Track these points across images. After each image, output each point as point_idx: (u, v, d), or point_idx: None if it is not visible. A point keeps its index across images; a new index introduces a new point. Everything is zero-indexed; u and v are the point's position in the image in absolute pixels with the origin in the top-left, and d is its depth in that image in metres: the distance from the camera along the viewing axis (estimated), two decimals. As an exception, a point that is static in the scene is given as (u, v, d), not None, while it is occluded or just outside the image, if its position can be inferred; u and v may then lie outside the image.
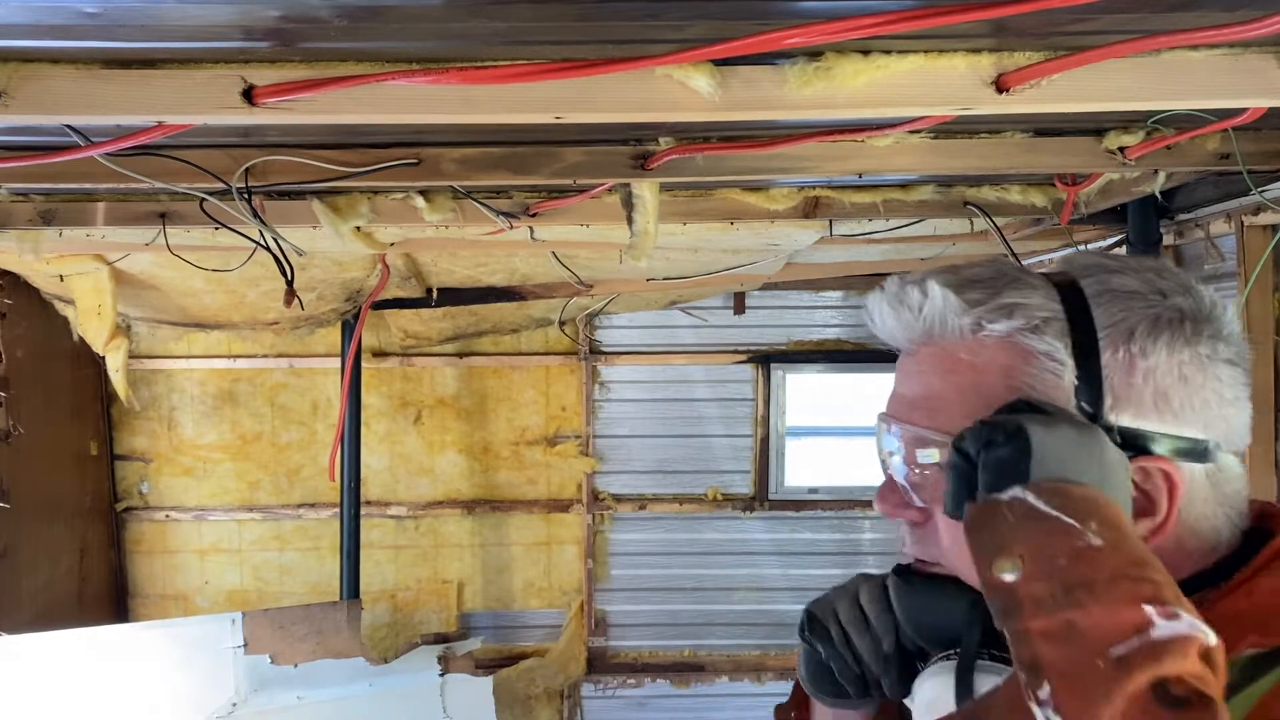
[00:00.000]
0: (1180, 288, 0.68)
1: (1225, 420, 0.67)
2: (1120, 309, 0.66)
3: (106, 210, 2.55)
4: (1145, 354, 0.65)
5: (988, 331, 0.68)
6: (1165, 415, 0.65)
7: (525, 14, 1.24)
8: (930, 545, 0.75)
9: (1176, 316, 0.66)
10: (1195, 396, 0.66)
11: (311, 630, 3.66)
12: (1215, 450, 0.67)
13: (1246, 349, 0.69)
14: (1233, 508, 0.69)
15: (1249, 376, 0.69)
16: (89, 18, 1.22)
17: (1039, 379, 0.67)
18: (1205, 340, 0.66)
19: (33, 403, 3.98)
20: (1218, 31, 1.23)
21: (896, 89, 1.41)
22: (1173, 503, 0.65)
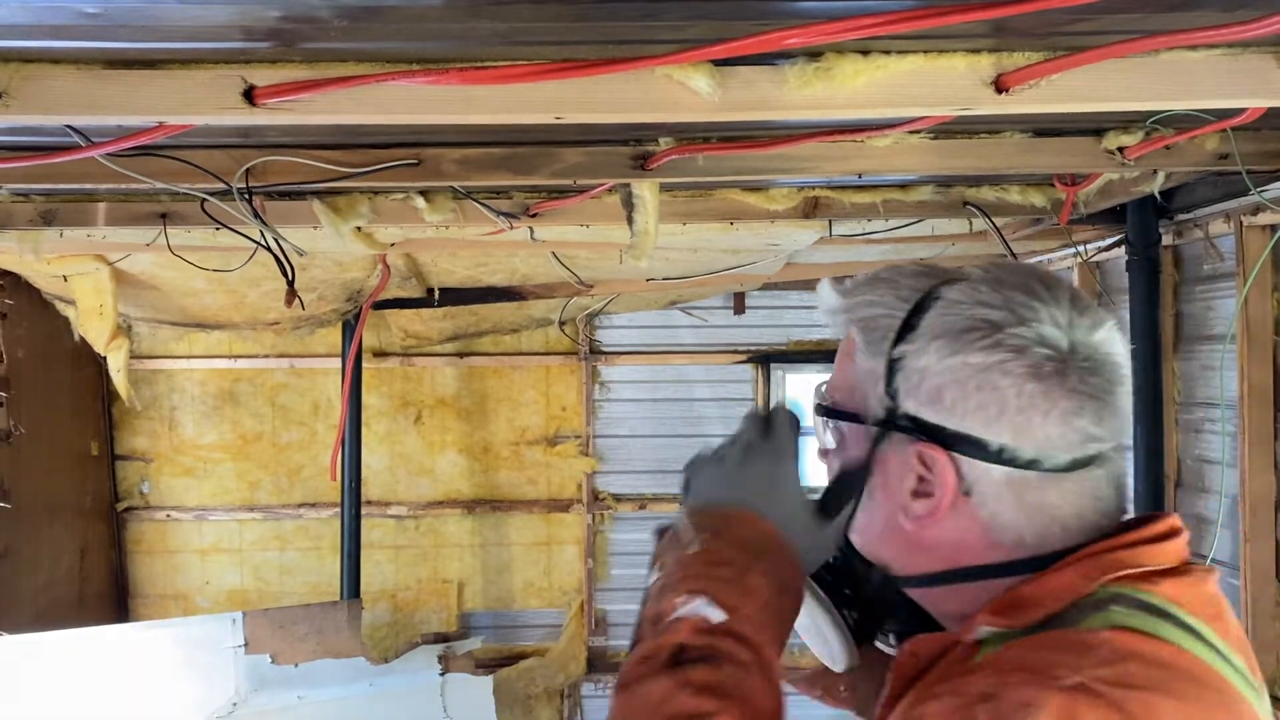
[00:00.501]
0: (1003, 301, 0.74)
1: (1018, 427, 0.72)
2: (934, 315, 0.76)
3: (107, 210, 2.56)
4: (920, 354, 0.75)
5: (839, 324, 0.84)
6: (939, 410, 0.74)
7: (525, 14, 1.24)
8: None
9: (964, 326, 0.74)
10: (970, 398, 0.73)
11: (312, 630, 3.66)
12: (1012, 454, 0.72)
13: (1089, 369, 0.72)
14: (1045, 518, 0.74)
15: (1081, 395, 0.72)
16: (89, 18, 1.23)
17: (855, 365, 0.81)
18: (985, 350, 0.72)
19: (33, 403, 3.98)
20: (1217, 31, 1.23)
21: (896, 89, 1.41)
22: (946, 489, 0.74)
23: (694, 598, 0.72)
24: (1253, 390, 2.59)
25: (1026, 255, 3.60)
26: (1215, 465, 2.78)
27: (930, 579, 0.79)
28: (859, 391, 0.80)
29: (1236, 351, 2.61)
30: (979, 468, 0.73)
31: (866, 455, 0.80)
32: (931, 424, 0.75)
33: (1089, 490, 0.74)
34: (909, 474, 0.76)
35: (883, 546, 0.82)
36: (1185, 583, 0.72)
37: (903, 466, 0.77)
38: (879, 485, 0.80)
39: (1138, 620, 0.68)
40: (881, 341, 0.78)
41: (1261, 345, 2.59)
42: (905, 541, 0.79)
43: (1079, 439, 0.72)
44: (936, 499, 0.75)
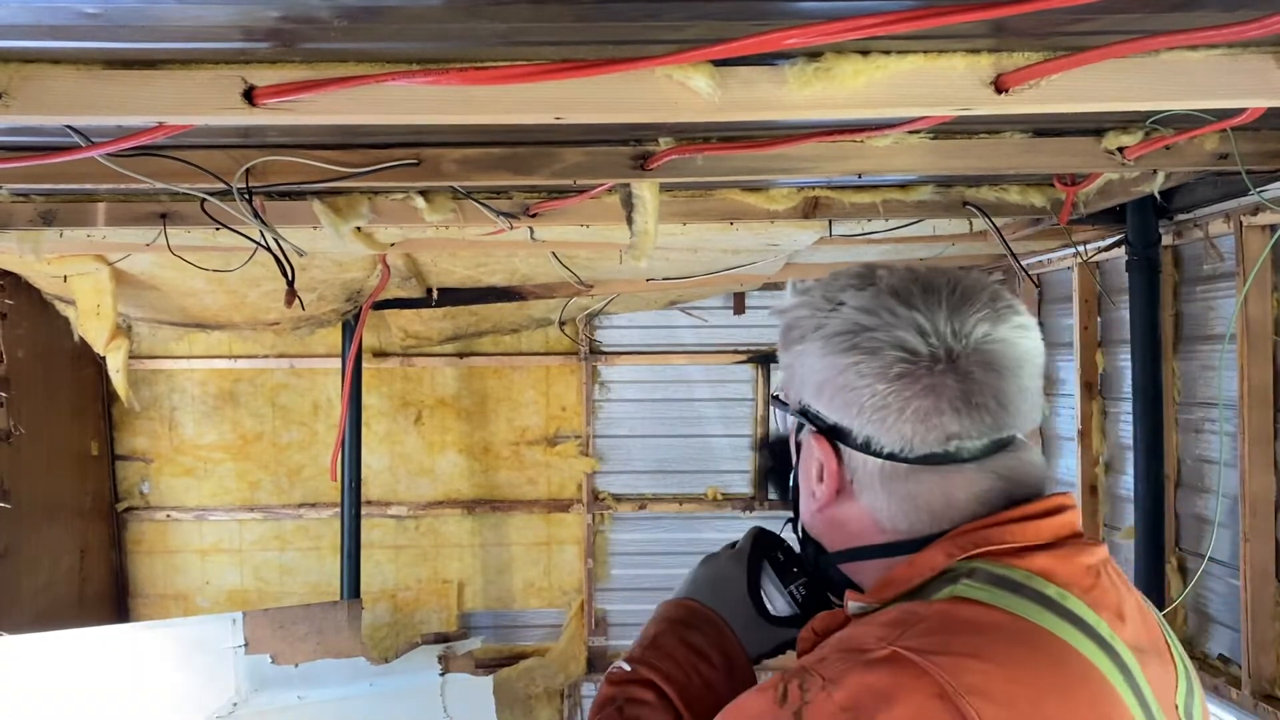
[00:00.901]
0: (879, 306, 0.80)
1: (875, 424, 0.78)
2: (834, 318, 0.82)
3: (107, 211, 2.56)
4: (806, 354, 0.83)
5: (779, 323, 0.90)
6: (819, 403, 0.82)
7: (525, 14, 1.24)
8: None
9: (839, 329, 0.81)
10: (838, 395, 0.80)
11: (312, 630, 3.66)
12: (878, 446, 0.78)
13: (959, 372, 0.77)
14: (913, 505, 0.79)
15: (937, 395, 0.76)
16: (89, 18, 1.23)
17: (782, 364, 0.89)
18: (845, 351, 0.79)
19: (33, 403, 3.98)
20: (1217, 31, 1.23)
21: (896, 89, 1.41)
22: (829, 474, 0.83)
23: (621, 662, 0.97)
24: (1252, 390, 2.59)
25: (1026, 255, 3.60)
26: (1215, 465, 2.78)
27: (843, 555, 0.87)
28: (792, 387, 0.88)
29: (1236, 351, 2.61)
30: (856, 458, 0.81)
31: (795, 441, 0.90)
32: (817, 415, 0.83)
33: (958, 482, 0.79)
34: (814, 461, 0.84)
35: (812, 525, 0.90)
36: (1058, 555, 0.77)
37: (811, 453, 0.85)
38: (803, 469, 0.88)
39: (983, 593, 0.73)
40: (797, 343, 0.85)
41: (1261, 345, 2.59)
42: (824, 521, 0.88)
43: (938, 436, 0.77)
44: (826, 483, 0.83)
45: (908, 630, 0.71)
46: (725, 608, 0.98)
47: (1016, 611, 0.72)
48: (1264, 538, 2.59)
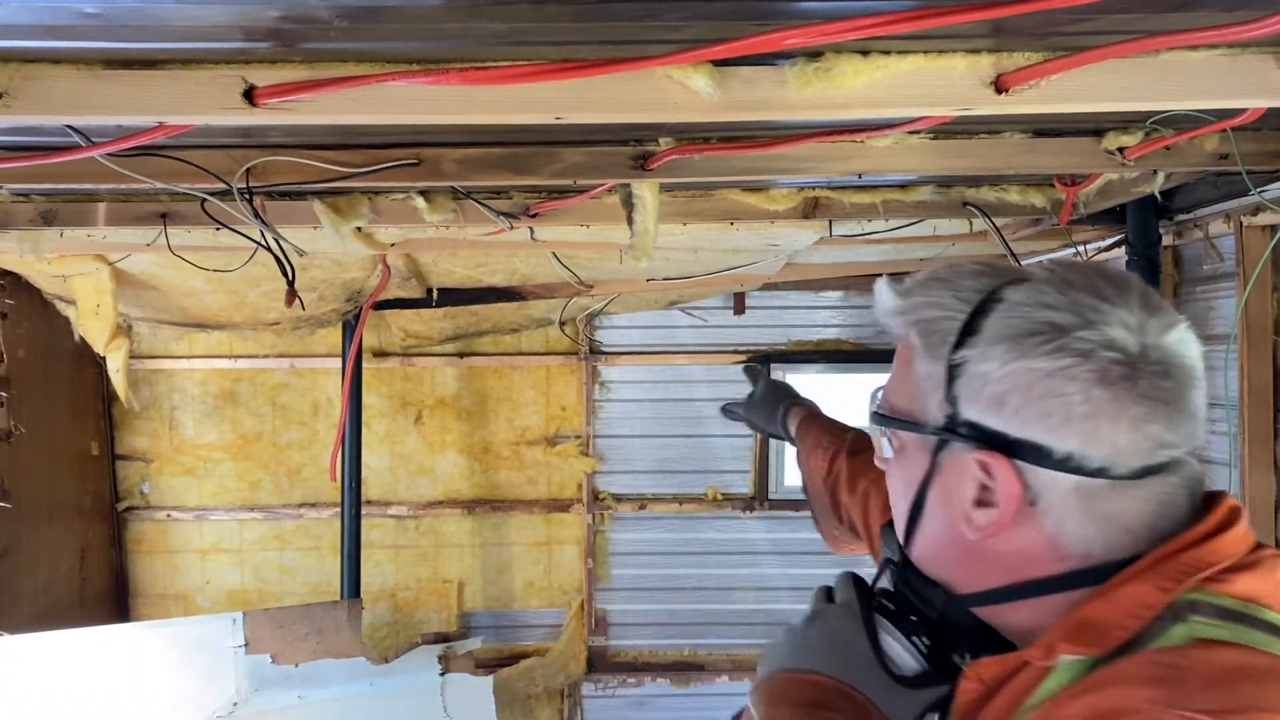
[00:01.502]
0: (1069, 304, 0.72)
1: (1085, 435, 0.69)
2: (996, 317, 0.74)
3: (107, 210, 2.55)
4: (983, 359, 0.73)
5: (898, 325, 0.81)
6: (1002, 417, 0.72)
7: (525, 14, 1.24)
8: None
9: (1028, 329, 0.71)
10: (1033, 405, 0.70)
11: (312, 630, 3.66)
12: (1079, 461, 0.69)
13: (1160, 373, 0.70)
14: (1115, 527, 0.71)
15: (1151, 399, 0.69)
16: (89, 18, 1.23)
17: (916, 373, 0.78)
18: (1050, 355, 0.70)
19: (34, 403, 3.98)
20: (1217, 32, 1.23)
21: (896, 89, 1.41)
22: (1009, 499, 0.72)
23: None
24: (1253, 390, 2.59)
25: (1027, 255, 3.59)
26: (1216, 465, 2.78)
27: (995, 594, 0.76)
28: (918, 397, 0.78)
29: (1237, 352, 2.61)
30: (1044, 476, 0.71)
31: (927, 464, 0.78)
32: (994, 431, 0.72)
33: (1160, 497, 0.72)
34: (970, 483, 0.74)
35: (944, 561, 0.79)
36: (1258, 575, 0.69)
37: (963, 475, 0.75)
38: (939, 496, 0.77)
39: (1223, 630, 0.65)
40: (941, 345, 0.76)
41: (1262, 345, 2.59)
42: (967, 555, 0.77)
43: (1150, 446, 0.70)
44: (1000, 509, 0.72)
45: (1182, 688, 0.61)
46: (855, 676, 0.82)
47: (1264, 648, 0.64)
48: (1265, 538, 2.59)
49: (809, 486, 1.47)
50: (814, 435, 1.48)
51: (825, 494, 1.39)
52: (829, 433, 1.45)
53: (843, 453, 1.37)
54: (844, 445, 1.39)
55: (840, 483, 1.34)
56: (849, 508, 1.30)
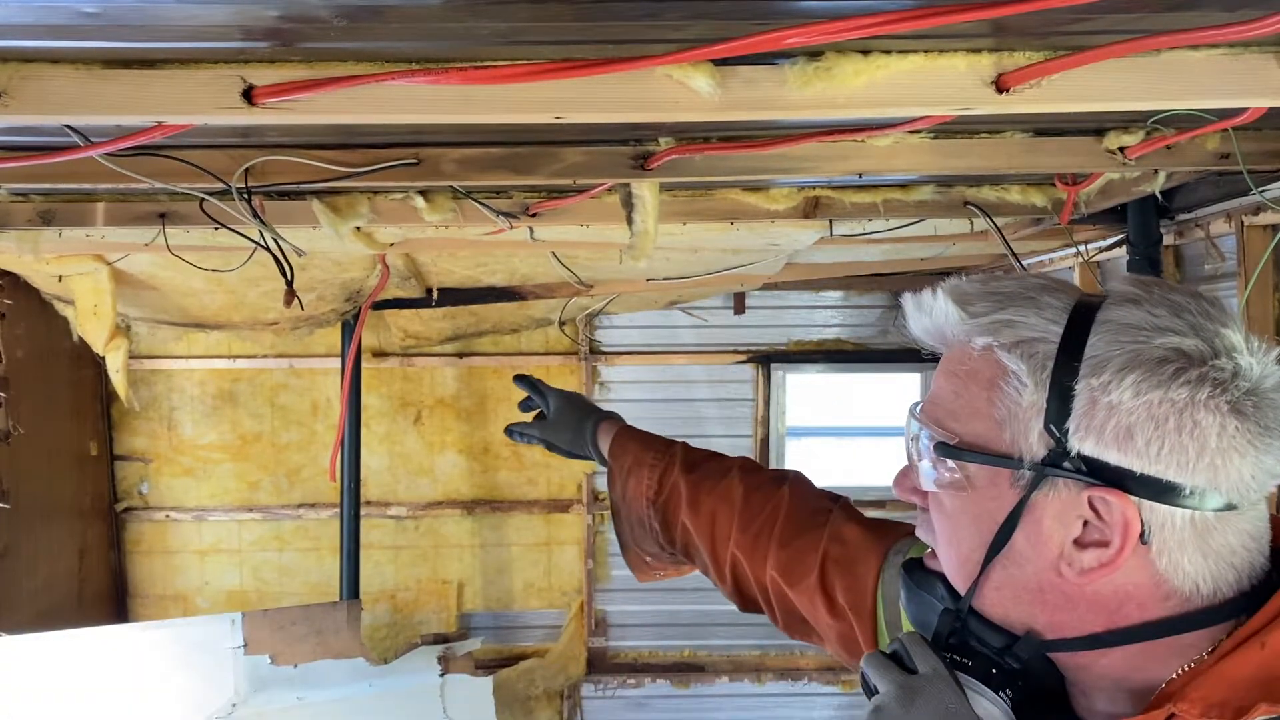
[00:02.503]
0: (1190, 328, 0.68)
1: (1216, 469, 0.66)
2: (1108, 340, 0.68)
3: (106, 210, 2.55)
4: (1109, 389, 0.67)
5: (974, 344, 0.73)
6: (1128, 451, 0.67)
7: (525, 14, 1.24)
8: (927, 530, 0.81)
9: (1159, 357, 0.67)
10: (1166, 439, 0.66)
11: (311, 630, 3.66)
12: (1201, 497, 0.66)
13: (1274, 402, 0.67)
14: (1225, 562, 0.68)
15: (1272, 431, 0.67)
16: (88, 18, 1.22)
17: (1004, 395, 0.71)
18: (1188, 385, 0.66)
19: (33, 403, 3.98)
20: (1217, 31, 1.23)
21: (896, 89, 1.41)
22: (1127, 537, 0.67)
23: None
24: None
25: (1028, 255, 3.60)
26: (1216, 465, 2.78)
27: (1092, 640, 0.71)
28: (1007, 426, 0.71)
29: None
30: (1161, 512, 0.67)
31: (1014, 502, 0.71)
32: (1113, 466, 0.67)
33: (1253, 529, 0.69)
34: (1073, 522, 0.69)
35: (1032, 607, 0.73)
36: None
37: (1065, 514, 0.69)
38: (1029, 535, 0.71)
39: None
40: (1041, 370, 0.69)
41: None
42: (1060, 599, 0.71)
43: (1266, 479, 0.67)
44: (1114, 548, 0.67)
45: None
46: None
47: None
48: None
49: (623, 509, 1.39)
50: (634, 452, 1.40)
51: (651, 515, 1.33)
52: (651, 448, 1.38)
53: (675, 469, 1.31)
54: (674, 461, 1.32)
55: (677, 503, 1.28)
56: (691, 529, 1.26)
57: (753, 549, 1.19)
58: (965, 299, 0.74)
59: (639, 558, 1.41)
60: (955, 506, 0.76)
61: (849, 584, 1.11)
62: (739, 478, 1.27)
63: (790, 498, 1.23)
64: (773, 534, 1.19)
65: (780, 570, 1.18)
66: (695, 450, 1.37)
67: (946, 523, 0.77)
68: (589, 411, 1.58)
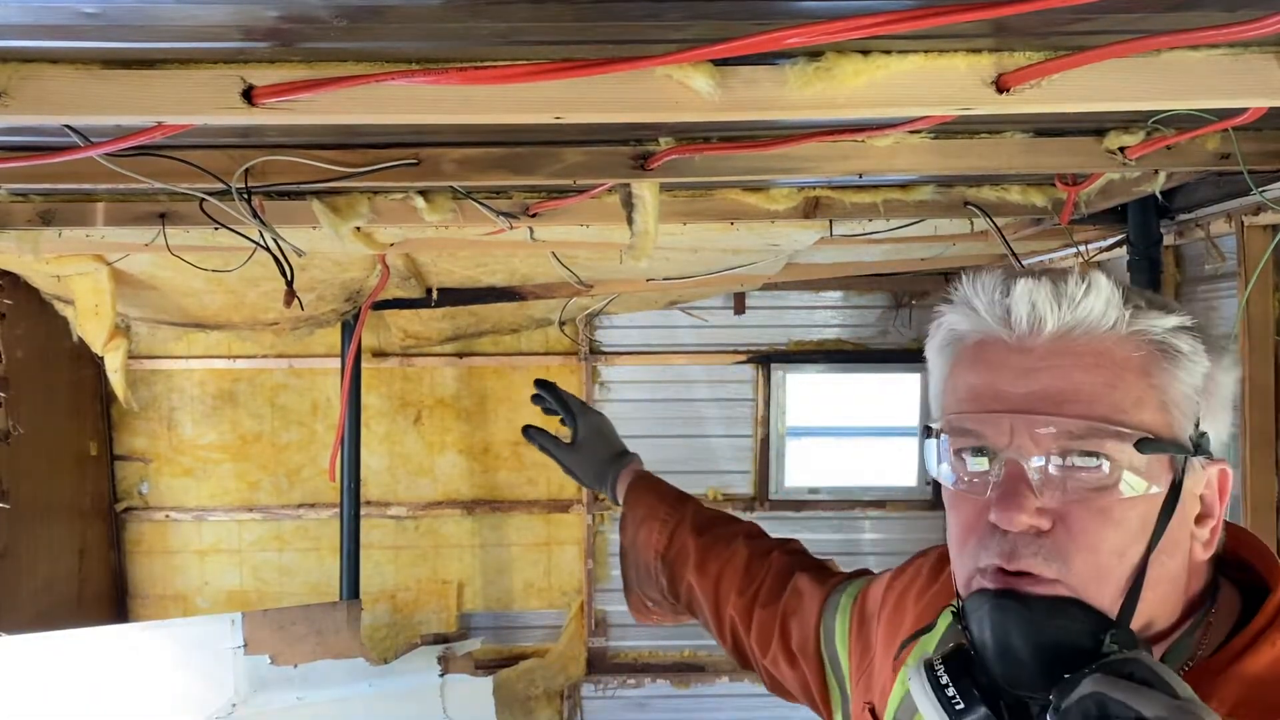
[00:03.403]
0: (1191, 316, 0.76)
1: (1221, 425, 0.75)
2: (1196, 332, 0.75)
3: (106, 210, 2.55)
4: (1226, 368, 0.74)
5: (1142, 328, 0.71)
6: (1223, 420, 0.75)
7: (525, 14, 1.24)
8: (1056, 556, 0.70)
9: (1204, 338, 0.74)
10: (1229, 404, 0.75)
11: (311, 631, 3.66)
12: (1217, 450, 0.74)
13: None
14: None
15: None
16: (88, 18, 1.22)
17: (1174, 380, 0.71)
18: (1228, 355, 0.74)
19: (32, 403, 3.97)
20: (1218, 31, 1.23)
21: (897, 89, 1.41)
22: (1223, 504, 0.73)
23: None
24: (1255, 391, 2.59)
25: (1028, 255, 3.59)
26: (1216, 466, 2.78)
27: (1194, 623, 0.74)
28: (1176, 415, 0.72)
29: (1238, 352, 2.61)
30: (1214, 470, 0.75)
31: (1166, 490, 0.71)
32: (1209, 438, 0.73)
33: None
34: (1195, 501, 0.73)
35: (1177, 597, 0.73)
36: None
37: (1193, 492, 0.73)
38: (1181, 521, 0.72)
39: None
40: (1196, 355, 0.73)
41: (1263, 346, 2.58)
42: (1194, 579, 0.74)
43: None
44: (1216, 516, 0.73)
45: None
46: None
47: None
48: (1266, 539, 2.58)
49: (632, 554, 1.43)
50: (648, 504, 1.43)
51: (658, 567, 1.38)
52: (665, 502, 1.42)
53: (686, 529, 1.35)
54: (685, 520, 1.36)
55: (685, 562, 1.33)
56: (696, 588, 1.32)
57: (746, 612, 1.26)
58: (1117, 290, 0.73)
59: (641, 601, 1.46)
60: (1123, 508, 0.70)
61: (800, 630, 1.15)
62: (744, 544, 1.31)
63: (774, 563, 1.27)
64: (756, 597, 1.26)
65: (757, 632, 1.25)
66: (706, 511, 1.41)
67: (1110, 531, 0.69)
68: (614, 452, 1.59)
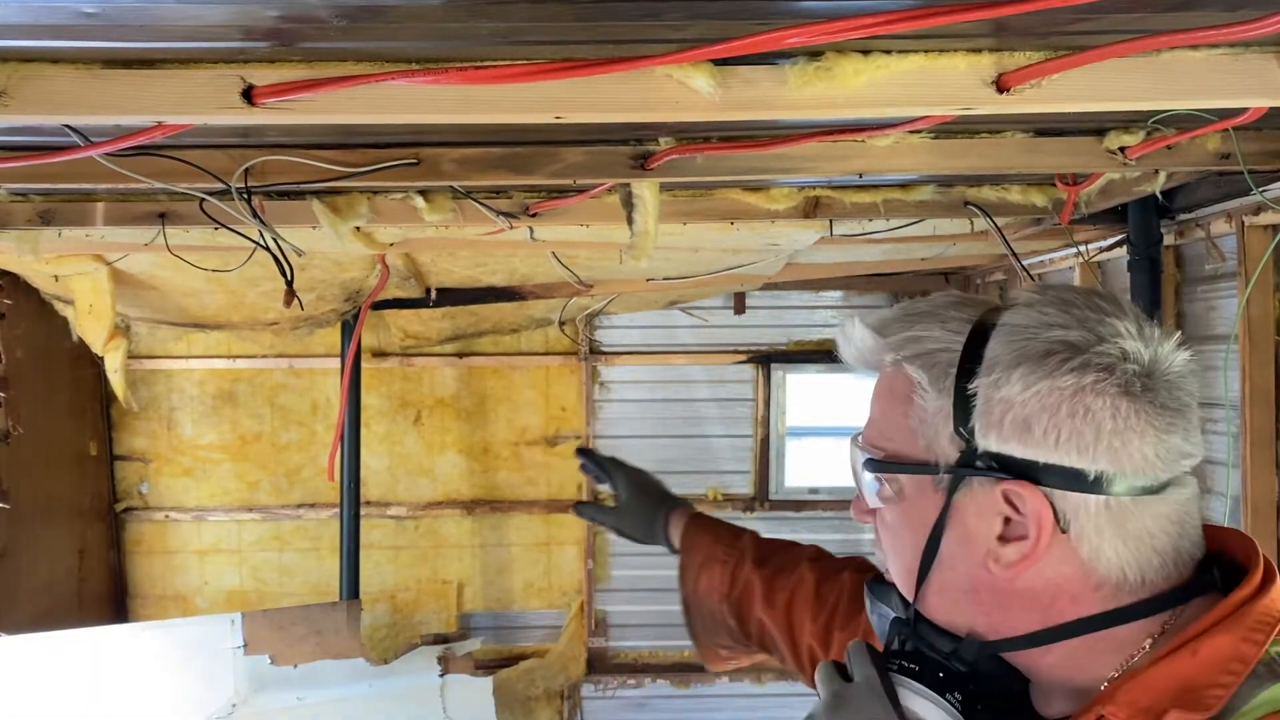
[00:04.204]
0: (1076, 321, 0.70)
1: (1116, 451, 0.68)
2: (1001, 343, 0.72)
3: (106, 210, 2.55)
4: (1000, 385, 0.70)
5: (886, 361, 0.78)
6: (1028, 443, 0.69)
7: (524, 14, 1.24)
8: (879, 548, 0.84)
9: (1044, 350, 0.69)
10: (1062, 426, 0.68)
11: (311, 631, 3.66)
12: (1109, 481, 0.68)
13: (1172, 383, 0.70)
14: (1146, 547, 0.70)
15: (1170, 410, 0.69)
16: (88, 18, 1.22)
17: (915, 406, 0.75)
18: (1073, 372, 0.68)
19: (32, 403, 3.97)
20: (1218, 31, 1.23)
21: (897, 89, 1.41)
22: (1042, 527, 0.69)
23: None
24: (1255, 391, 2.59)
25: (1028, 255, 3.59)
26: (1217, 466, 2.78)
27: (1031, 639, 0.72)
28: (922, 435, 0.74)
29: (1239, 352, 2.61)
30: (1074, 500, 0.69)
31: (939, 506, 0.74)
32: (1019, 459, 0.69)
33: (1179, 514, 0.71)
34: (994, 518, 0.71)
35: (967, 609, 0.75)
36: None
37: (985, 511, 0.72)
38: (957, 538, 0.73)
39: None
40: (944, 378, 0.73)
41: (1264, 346, 2.58)
42: (995, 597, 0.73)
43: (1174, 457, 0.69)
44: (1032, 539, 0.69)
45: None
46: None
47: None
48: (1266, 539, 2.59)
49: (695, 603, 1.38)
50: (704, 548, 1.38)
51: (725, 611, 1.32)
52: (720, 542, 1.36)
53: (746, 564, 1.30)
54: (745, 555, 1.31)
55: (751, 598, 1.27)
56: (767, 623, 1.25)
57: (824, 638, 1.19)
58: (881, 324, 0.78)
59: (713, 651, 1.39)
60: (894, 519, 0.79)
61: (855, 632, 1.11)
62: (809, 569, 1.25)
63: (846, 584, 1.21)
64: (833, 621, 1.19)
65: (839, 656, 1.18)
66: (764, 542, 1.35)
67: (889, 536, 0.80)
68: (660, 501, 1.54)
